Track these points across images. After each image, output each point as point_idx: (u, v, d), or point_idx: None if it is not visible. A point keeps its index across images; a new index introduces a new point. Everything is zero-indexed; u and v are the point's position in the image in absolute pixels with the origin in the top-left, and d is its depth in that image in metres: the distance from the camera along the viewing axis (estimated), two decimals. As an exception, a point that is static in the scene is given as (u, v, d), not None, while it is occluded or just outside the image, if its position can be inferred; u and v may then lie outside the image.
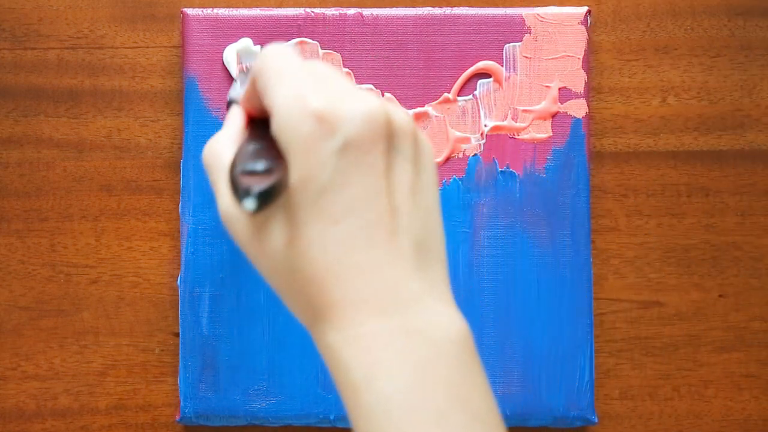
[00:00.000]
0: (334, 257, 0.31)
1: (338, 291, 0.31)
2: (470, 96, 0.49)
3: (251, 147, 0.34)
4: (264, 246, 0.32)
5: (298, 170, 0.31)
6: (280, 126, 0.32)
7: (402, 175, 0.32)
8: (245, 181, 0.31)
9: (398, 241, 0.31)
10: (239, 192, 0.31)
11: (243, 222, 0.33)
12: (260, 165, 0.32)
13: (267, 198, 0.30)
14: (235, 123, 0.37)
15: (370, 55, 0.49)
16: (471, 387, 0.31)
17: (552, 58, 0.49)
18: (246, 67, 0.48)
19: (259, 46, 0.48)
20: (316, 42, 0.48)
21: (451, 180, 0.48)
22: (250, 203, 0.30)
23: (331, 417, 0.48)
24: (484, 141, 0.49)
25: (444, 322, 0.31)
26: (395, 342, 0.30)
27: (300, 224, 0.31)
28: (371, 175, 0.31)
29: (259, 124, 0.36)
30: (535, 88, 0.49)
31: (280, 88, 0.32)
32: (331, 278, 0.31)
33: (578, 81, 0.49)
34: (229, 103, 0.41)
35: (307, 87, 0.32)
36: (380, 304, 0.31)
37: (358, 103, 0.31)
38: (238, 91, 0.42)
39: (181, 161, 0.49)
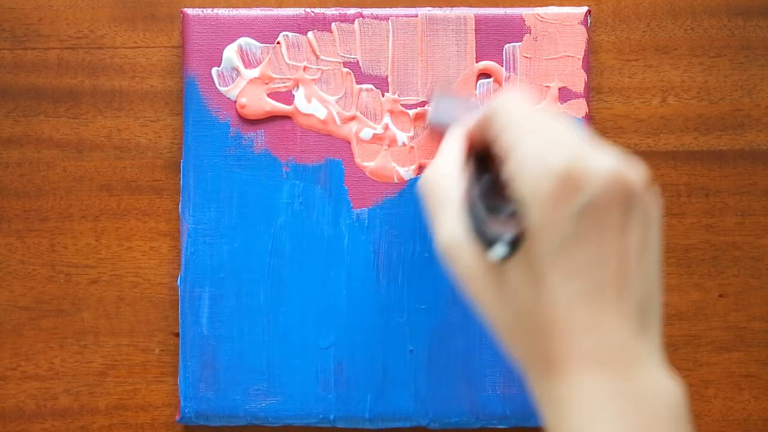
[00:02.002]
0: (564, 310, 0.32)
1: (566, 344, 0.32)
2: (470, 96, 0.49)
3: (484, 183, 0.34)
4: (497, 288, 0.33)
5: (537, 223, 0.32)
6: (520, 179, 0.32)
7: (634, 235, 0.32)
8: (494, 227, 0.32)
9: (625, 302, 0.32)
10: (488, 237, 0.32)
11: (471, 255, 0.34)
12: (506, 209, 0.32)
13: (516, 246, 0.31)
14: (456, 152, 0.38)
15: (371, 55, 0.49)
16: None
17: (552, 58, 0.49)
18: (441, 91, 0.47)
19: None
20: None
21: (451, 180, 0.48)
22: (500, 250, 0.31)
23: (331, 417, 0.48)
24: (484, 141, 0.49)
25: (663, 387, 0.32)
26: (615, 401, 0.31)
27: (536, 273, 0.32)
28: (607, 236, 0.32)
29: (480, 156, 0.37)
30: (535, 88, 0.49)
31: (520, 139, 0.33)
32: (560, 331, 0.32)
33: (578, 81, 0.49)
34: (433, 127, 0.41)
35: (547, 143, 0.32)
36: (604, 361, 0.31)
37: (600, 163, 0.32)
38: (443, 114, 0.42)
39: (181, 161, 0.49)
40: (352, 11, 0.49)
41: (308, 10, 0.49)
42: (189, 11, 0.49)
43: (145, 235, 0.50)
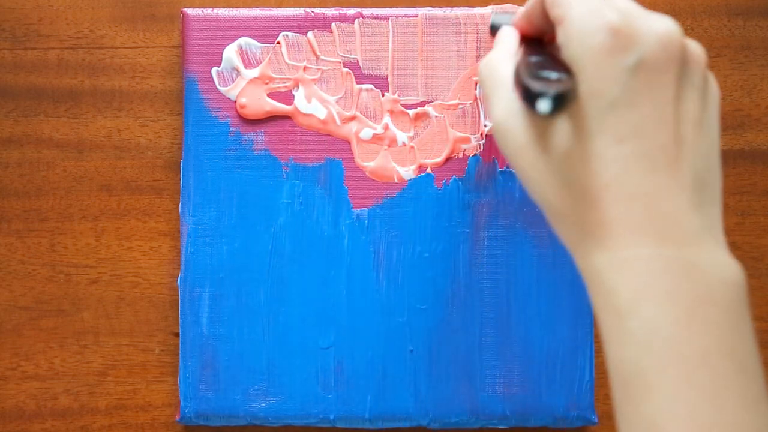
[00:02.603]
0: (615, 175, 0.30)
1: (614, 210, 0.30)
2: (470, 96, 0.49)
3: (534, 60, 0.34)
4: (543, 153, 0.32)
5: (588, 81, 0.31)
6: (572, 36, 0.31)
7: (690, 104, 0.31)
8: (539, 85, 0.31)
9: (680, 172, 0.30)
10: (532, 94, 0.31)
11: (521, 128, 0.33)
12: (552, 73, 0.31)
13: (561, 102, 0.30)
14: (510, 41, 0.37)
15: (371, 55, 0.49)
16: (739, 336, 0.30)
17: (552, 58, 0.49)
18: (500, 11, 0.47)
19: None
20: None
21: (451, 180, 0.48)
22: (545, 105, 0.30)
23: (331, 417, 0.48)
24: (484, 141, 0.49)
25: (722, 263, 0.30)
26: (670, 274, 0.29)
27: (585, 135, 0.31)
28: (661, 99, 0.30)
29: (533, 43, 0.36)
30: (535, 88, 0.49)
31: (573, 1, 0.32)
32: (609, 196, 0.30)
33: (578, 81, 0.49)
34: (492, 28, 0.40)
35: (603, 3, 0.32)
36: (657, 231, 0.30)
37: (656, 23, 0.31)
38: (501, 17, 0.41)
39: (181, 161, 0.49)
40: (352, 11, 0.49)
41: (308, 10, 0.49)
42: (189, 11, 0.49)
43: (145, 235, 0.50)
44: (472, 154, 0.48)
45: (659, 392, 0.29)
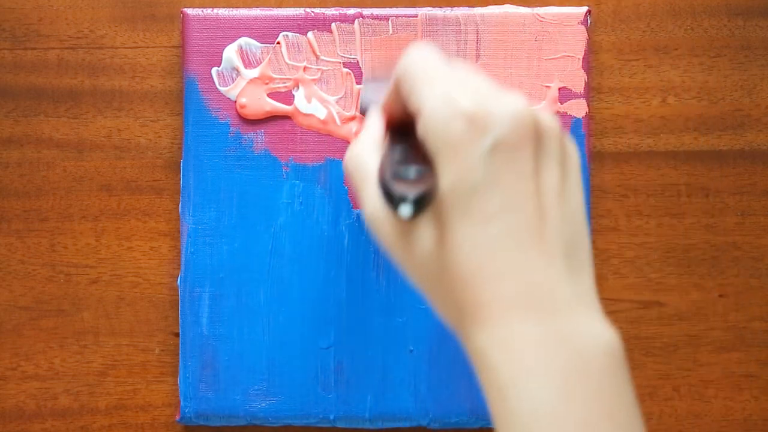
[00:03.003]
0: (484, 257, 0.31)
1: (488, 291, 0.31)
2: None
3: (398, 152, 0.34)
4: (413, 248, 0.32)
5: (448, 173, 0.31)
6: (429, 127, 0.32)
7: (550, 177, 0.32)
8: (399, 188, 0.31)
9: (547, 243, 0.31)
10: (394, 199, 0.31)
11: (391, 223, 0.33)
12: (412, 171, 0.32)
13: (422, 204, 0.31)
14: (375, 128, 0.37)
15: (371, 55, 0.49)
16: (619, 401, 0.30)
17: (552, 58, 0.49)
18: (371, 76, 0.47)
19: (266, 46, 0.48)
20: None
21: (451, 180, 0.48)
22: (406, 210, 0.31)
23: (331, 417, 0.48)
24: (484, 141, 0.48)
25: (596, 332, 0.31)
26: (546, 347, 0.30)
27: (449, 225, 0.31)
28: (521, 177, 0.31)
29: (399, 129, 0.37)
30: (535, 88, 0.49)
31: (429, 89, 0.32)
32: (480, 278, 0.31)
33: (578, 81, 0.49)
34: (362, 111, 0.40)
35: (454, 88, 0.32)
36: (531, 306, 0.30)
37: (507, 103, 0.31)
38: (367, 97, 0.42)
39: (181, 161, 0.49)
40: (352, 11, 0.49)
41: (308, 10, 0.49)
42: (189, 11, 0.49)
43: (145, 235, 0.50)
44: (472, 154, 0.48)
45: None
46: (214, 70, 0.48)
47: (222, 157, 0.48)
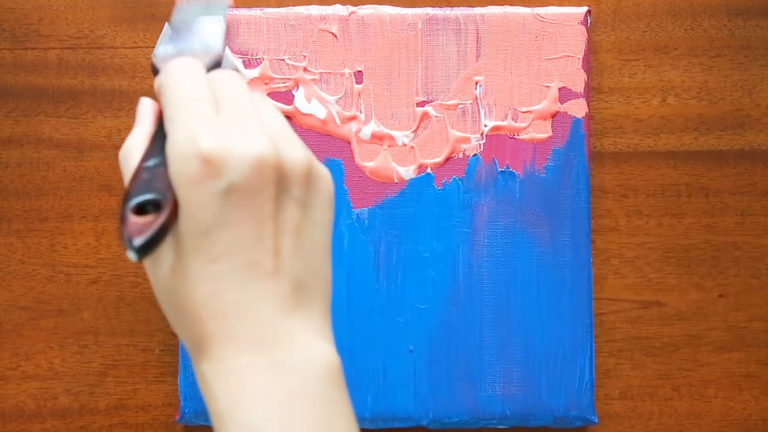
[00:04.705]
0: (211, 294, 0.32)
1: (212, 325, 0.32)
2: (470, 96, 0.49)
3: (150, 165, 0.33)
4: (154, 269, 0.33)
5: (184, 206, 0.32)
6: (171, 158, 0.32)
7: (289, 215, 0.33)
8: (129, 229, 0.31)
9: (278, 280, 0.32)
10: (123, 239, 0.31)
11: None
12: (151, 197, 0.32)
13: (148, 249, 0.31)
14: (145, 121, 0.37)
15: (370, 55, 0.49)
16: (334, 419, 0.32)
17: (552, 58, 0.49)
18: (178, 21, 0.43)
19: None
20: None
21: (451, 180, 0.48)
22: (131, 256, 0.31)
23: (331, 417, 0.48)
24: (484, 141, 0.49)
25: (312, 356, 0.33)
26: (262, 376, 0.32)
27: (184, 256, 0.32)
28: (256, 220, 0.32)
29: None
30: (535, 88, 0.49)
31: (176, 119, 0.33)
32: (206, 313, 0.32)
33: (578, 81, 0.49)
34: (153, 68, 0.38)
35: (199, 123, 0.32)
36: (252, 340, 0.32)
37: (249, 146, 0.32)
38: (164, 51, 0.39)
39: (181, 161, 0.49)
40: (352, 11, 0.49)
41: (308, 9, 0.49)
42: (189, 11, 0.49)
43: (145, 235, 0.50)
44: (472, 154, 0.48)
45: None
46: (214, 70, 0.48)
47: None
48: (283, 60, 0.49)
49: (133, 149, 0.35)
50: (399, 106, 0.49)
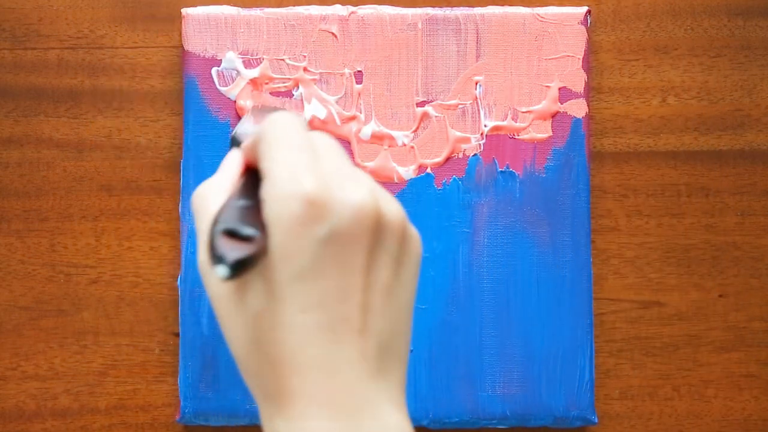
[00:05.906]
0: (297, 344, 0.31)
1: (294, 380, 0.31)
2: (470, 96, 0.49)
3: (240, 204, 0.33)
4: (238, 306, 0.32)
5: (279, 247, 0.30)
6: (270, 197, 0.31)
7: (382, 272, 0.32)
8: (222, 246, 0.30)
9: (364, 341, 0.31)
10: (214, 255, 0.30)
11: (218, 279, 0.32)
12: (244, 229, 0.31)
13: (241, 268, 0.30)
14: (230, 170, 0.36)
15: (370, 55, 0.49)
16: None
17: (552, 58, 0.49)
18: (260, 106, 0.47)
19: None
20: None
21: (451, 180, 0.48)
22: (222, 270, 0.30)
23: (331, 417, 0.48)
24: (484, 141, 0.49)
25: (390, 426, 0.31)
26: None
27: (274, 300, 0.31)
28: (350, 271, 0.31)
29: (255, 175, 0.35)
30: (535, 88, 0.49)
31: (278, 161, 0.32)
32: (290, 364, 0.31)
33: (578, 81, 0.49)
34: (233, 140, 0.39)
35: (303, 166, 0.31)
36: (333, 403, 0.30)
37: (352, 192, 0.31)
38: (244, 129, 0.40)
39: (181, 161, 0.49)
40: (351, 11, 0.49)
41: (308, 9, 0.49)
42: (189, 11, 0.49)
43: (145, 235, 0.50)
44: (472, 154, 0.48)
45: None
46: (214, 70, 0.48)
47: (222, 157, 0.48)
48: (283, 60, 0.49)
49: (213, 189, 0.35)
50: (399, 106, 0.49)
